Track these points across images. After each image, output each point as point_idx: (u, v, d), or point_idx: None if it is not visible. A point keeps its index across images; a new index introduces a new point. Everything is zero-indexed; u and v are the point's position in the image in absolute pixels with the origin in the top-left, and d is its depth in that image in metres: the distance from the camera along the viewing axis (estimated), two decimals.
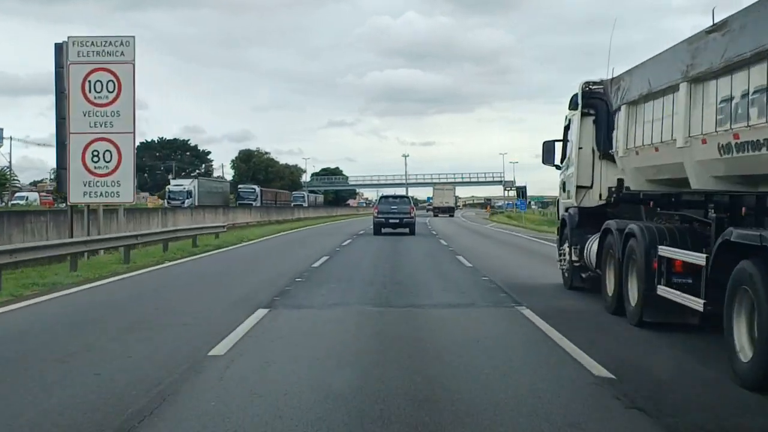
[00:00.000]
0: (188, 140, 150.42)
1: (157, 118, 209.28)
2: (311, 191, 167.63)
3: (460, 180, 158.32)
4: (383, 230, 34.86)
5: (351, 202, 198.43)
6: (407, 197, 40.47)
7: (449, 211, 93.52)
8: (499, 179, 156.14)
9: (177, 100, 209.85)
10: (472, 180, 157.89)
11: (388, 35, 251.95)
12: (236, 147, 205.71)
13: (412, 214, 36.06)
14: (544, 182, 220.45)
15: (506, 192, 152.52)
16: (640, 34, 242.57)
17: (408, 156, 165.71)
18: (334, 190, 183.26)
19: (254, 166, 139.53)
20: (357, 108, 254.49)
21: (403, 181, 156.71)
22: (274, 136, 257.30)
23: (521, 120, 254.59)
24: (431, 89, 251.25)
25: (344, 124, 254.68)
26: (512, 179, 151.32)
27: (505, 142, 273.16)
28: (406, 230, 35.09)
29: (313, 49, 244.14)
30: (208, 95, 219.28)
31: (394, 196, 38.61)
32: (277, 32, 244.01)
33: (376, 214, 35.66)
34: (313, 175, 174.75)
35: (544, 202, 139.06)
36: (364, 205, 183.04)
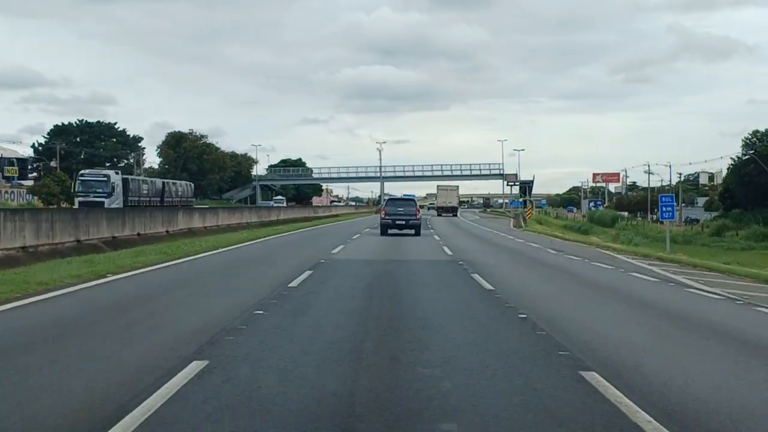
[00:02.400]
0: (115, 123, 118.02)
1: (126, 115, 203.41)
2: (265, 186, 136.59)
3: (449, 174, 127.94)
4: (389, 231, 36.09)
5: (316, 200, 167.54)
6: (413, 199, 40.46)
7: (452, 210, 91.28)
8: (497, 172, 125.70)
9: (147, 96, 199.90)
10: (465, 173, 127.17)
11: (362, 31, 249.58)
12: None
13: (418, 216, 37.36)
14: (541, 177, 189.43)
15: (510, 188, 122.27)
16: (614, 34, 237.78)
17: (382, 148, 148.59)
18: (295, 186, 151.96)
19: (185, 153, 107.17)
20: (331, 105, 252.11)
21: (377, 175, 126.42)
22: (245, 133, 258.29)
23: (494, 119, 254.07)
24: (405, 87, 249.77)
25: (318, 121, 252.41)
26: (515, 173, 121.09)
27: (481, 141, 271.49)
28: (412, 231, 36.30)
29: (286, 44, 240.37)
30: (179, 91, 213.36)
31: (401, 199, 40.37)
32: (249, 27, 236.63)
33: (383, 216, 36.77)
34: (270, 167, 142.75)
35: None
36: (341, 204, 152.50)
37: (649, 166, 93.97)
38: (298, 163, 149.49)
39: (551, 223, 55.15)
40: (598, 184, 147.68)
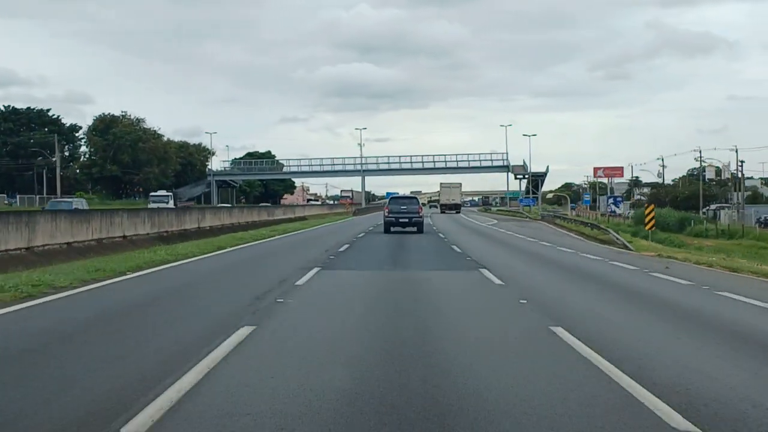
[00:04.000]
0: (48, 110, 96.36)
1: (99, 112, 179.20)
2: (224, 183, 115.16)
3: (443, 167, 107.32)
4: (392, 229, 36.08)
5: (290, 199, 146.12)
6: (416, 198, 39.48)
7: (456, 207, 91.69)
8: (500, 163, 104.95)
9: (123, 95, 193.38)
10: (462, 166, 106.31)
11: (341, 28, 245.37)
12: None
13: (421, 214, 37.11)
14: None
15: (519, 181, 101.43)
16: (593, 31, 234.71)
17: (363, 145, 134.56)
18: (262, 182, 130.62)
19: (116, 140, 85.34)
20: (310, 104, 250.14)
21: (358, 168, 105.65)
22: (224, 133, 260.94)
23: (473, 117, 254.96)
24: (385, 84, 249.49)
25: (297, 120, 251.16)
26: (523, 163, 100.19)
27: (464, 138, 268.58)
28: (414, 229, 35.99)
29: (264, 42, 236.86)
30: (156, 90, 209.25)
31: (404, 197, 40.51)
32: (226, 25, 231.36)
33: (387, 214, 36.97)
34: (234, 160, 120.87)
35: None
36: (318, 202, 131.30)
37: (700, 152, 73.31)
38: (266, 155, 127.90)
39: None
40: (599, 179, 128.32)
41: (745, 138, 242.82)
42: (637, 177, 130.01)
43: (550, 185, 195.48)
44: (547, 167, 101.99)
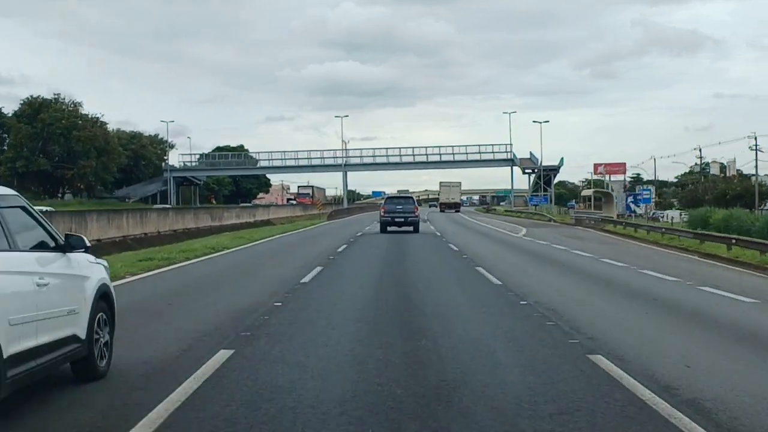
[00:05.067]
0: None
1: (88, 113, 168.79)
2: (184, 180, 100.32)
3: (436, 161, 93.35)
4: (389, 228, 36.08)
5: (265, 198, 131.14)
6: (411, 197, 40.92)
7: (455, 206, 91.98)
8: (503, 157, 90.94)
9: (110, 94, 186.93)
10: (459, 159, 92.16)
11: (327, 27, 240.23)
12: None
13: (416, 213, 36.93)
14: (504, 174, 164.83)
15: (528, 177, 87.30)
16: (580, 29, 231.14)
17: (348, 142, 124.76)
18: (234, 178, 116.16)
19: (45, 129, 70.22)
20: (296, 102, 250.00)
21: (340, 163, 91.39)
22: (211, 132, 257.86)
23: (460, 116, 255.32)
24: (372, 83, 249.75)
25: (283, 119, 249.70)
26: (530, 156, 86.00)
27: (453, 137, 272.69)
28: (411, 228, 36.03)
29: (251, 41, 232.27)
30: (141, 89, 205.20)
31: (399, 197, 41.51)
32: (212, 24, 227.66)
33: (383, 214, 36.79)
34: (201, 155, 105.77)
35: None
36: (293, 202, 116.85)
37: (756, 139, 59.46)
38: (238, 149, 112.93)
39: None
40: (598, 177, 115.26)
41: (731, 136, 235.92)
42: (638, 174, 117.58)
43: (524, 185, 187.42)
44: (561, 160, 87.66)
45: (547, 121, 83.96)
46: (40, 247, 6.08)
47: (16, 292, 5.27)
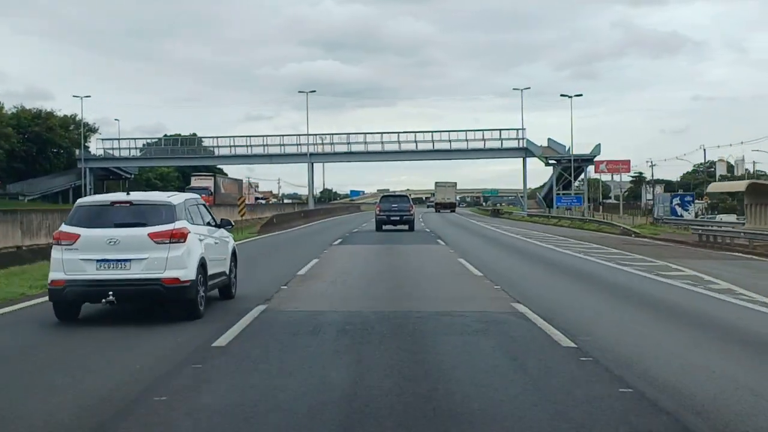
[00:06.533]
0: None
1: (66, 112, 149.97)
2: (107, 172, 79.62)
3: (429, 149, 73.82)
4: (384, 227, 36.90)
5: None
6: (407, 196, 40.56)
7: (450, 206, 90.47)
8: (513, 145, 71.59)
9: (86, 92, 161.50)
10: (457, 148, 72.66)
11: (307, 25, 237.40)
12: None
13: (412, 212, 37.59)
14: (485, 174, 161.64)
15: (553, 169, 67.46)
16: (560, 30, 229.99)
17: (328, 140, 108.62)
18: (179, 171, 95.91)
19: None
20: (275, 101, 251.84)
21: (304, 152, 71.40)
22: (189, 131, 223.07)
23: (441, 116, 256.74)
24: (352, 82, 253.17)
25: (262, 118, 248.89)
26: (548, 144, 66.17)
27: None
28: (406, 227, 36.65)
29: (229, 39, 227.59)
30: (118, 87, 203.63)
31: (395, 196, 41.06)
32: (189, 22, 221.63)
33: (378, 212, 38.13)
34: (145, 146, 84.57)
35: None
36: (262, 201, 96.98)
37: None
38: (189, 140, 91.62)
39: None
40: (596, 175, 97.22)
41: (707, 139, 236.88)
42: (640, 173, 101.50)
43: (503, 185, 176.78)
44: (597, 147, 67.25)
45: (581, 95, 62.43)
46: (209, 224, 11.60)
47: (209, 244, 10.92)
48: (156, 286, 9.62)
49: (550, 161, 65.56)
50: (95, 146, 79.92)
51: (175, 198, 10.71)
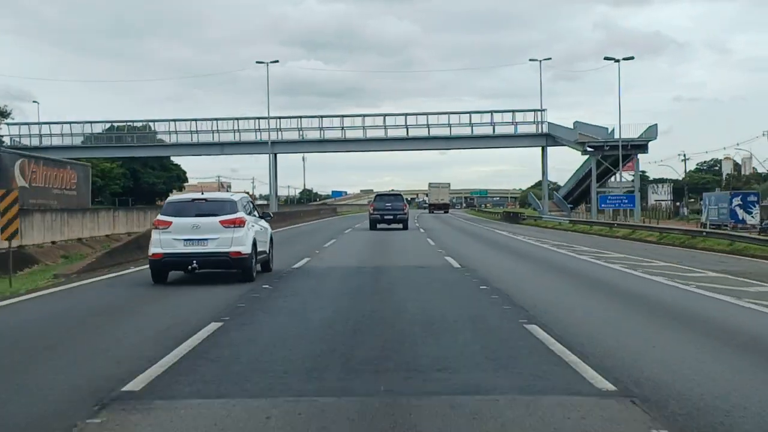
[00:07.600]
0: None
1: (44, 112, 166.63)
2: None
3: (425, 135, 57.83)
4: (378, 226, 38.03)
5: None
6: (400, 195, 41.69)
7: (444, 207, 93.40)
8: (531, 130, 55.68)
9: (64, 92, 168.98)
10: (458, 135, 56.78)
11: (288, 24, 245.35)
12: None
13: (406, 211, 38.89)
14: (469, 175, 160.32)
15: (590, 158, 51.33)
16: (542, 32, 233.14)
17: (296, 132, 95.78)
18: (129, 170, 79.66)
19: None
20: (258, 101, 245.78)
21: (266, 140, 55.29)
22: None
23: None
24: (334, 82, 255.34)
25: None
26: (574, 127, 50.17)
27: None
28: (400, 226, 37.93)
29: (210, 39, 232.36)
30: (98, 88, 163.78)
31: (389, 195, 41.82)
32: (170, 22, 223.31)
33: (372, 211, 39.10)
34: (89, 135, 67.78)
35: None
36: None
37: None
38: (142, 130, 74.29)
39: None
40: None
41: (688, 140, 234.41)
42: (644, 171, 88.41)
43: (485, 185, 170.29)
44: (652, 127, 50.71)
45: (632, 57, 46.36)
46: (256, 216, 15.92)
47: (257, 230, 15.22)
48: (225, 257, 14.24)
49: (589, 147, 49.37)
50: (6, 132, 63.71)
51: (236, 196, 15.79)
